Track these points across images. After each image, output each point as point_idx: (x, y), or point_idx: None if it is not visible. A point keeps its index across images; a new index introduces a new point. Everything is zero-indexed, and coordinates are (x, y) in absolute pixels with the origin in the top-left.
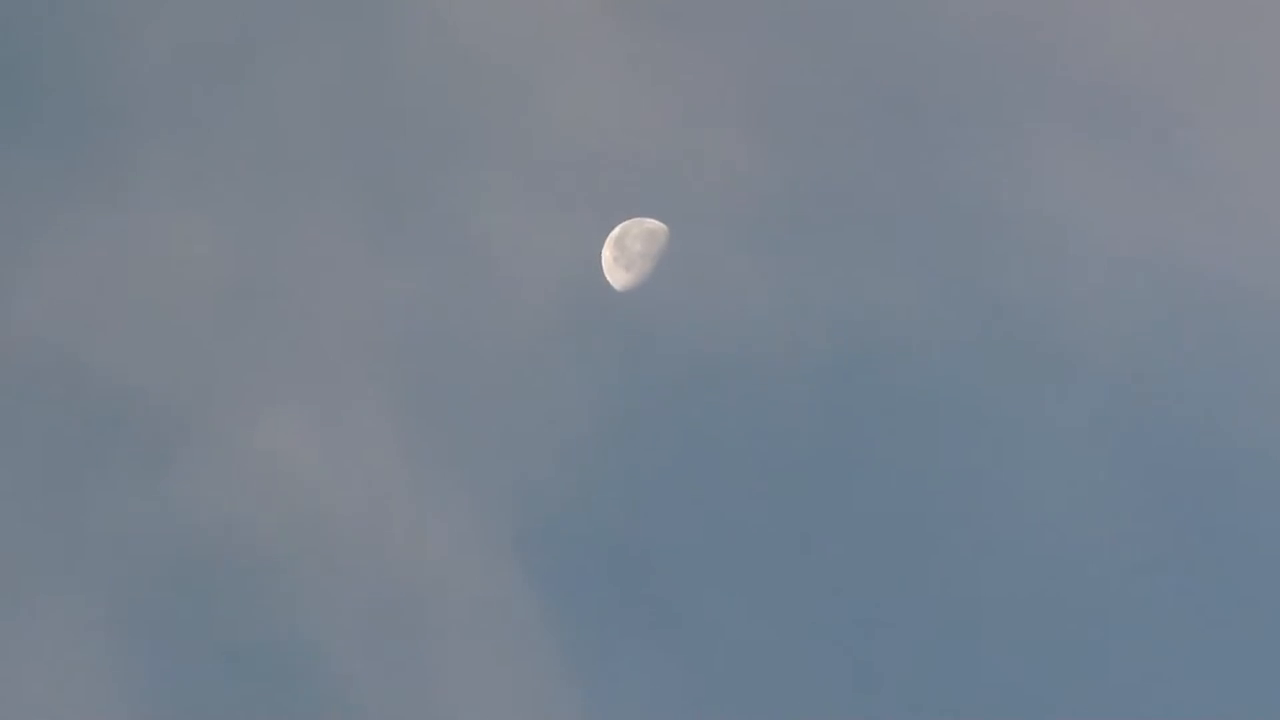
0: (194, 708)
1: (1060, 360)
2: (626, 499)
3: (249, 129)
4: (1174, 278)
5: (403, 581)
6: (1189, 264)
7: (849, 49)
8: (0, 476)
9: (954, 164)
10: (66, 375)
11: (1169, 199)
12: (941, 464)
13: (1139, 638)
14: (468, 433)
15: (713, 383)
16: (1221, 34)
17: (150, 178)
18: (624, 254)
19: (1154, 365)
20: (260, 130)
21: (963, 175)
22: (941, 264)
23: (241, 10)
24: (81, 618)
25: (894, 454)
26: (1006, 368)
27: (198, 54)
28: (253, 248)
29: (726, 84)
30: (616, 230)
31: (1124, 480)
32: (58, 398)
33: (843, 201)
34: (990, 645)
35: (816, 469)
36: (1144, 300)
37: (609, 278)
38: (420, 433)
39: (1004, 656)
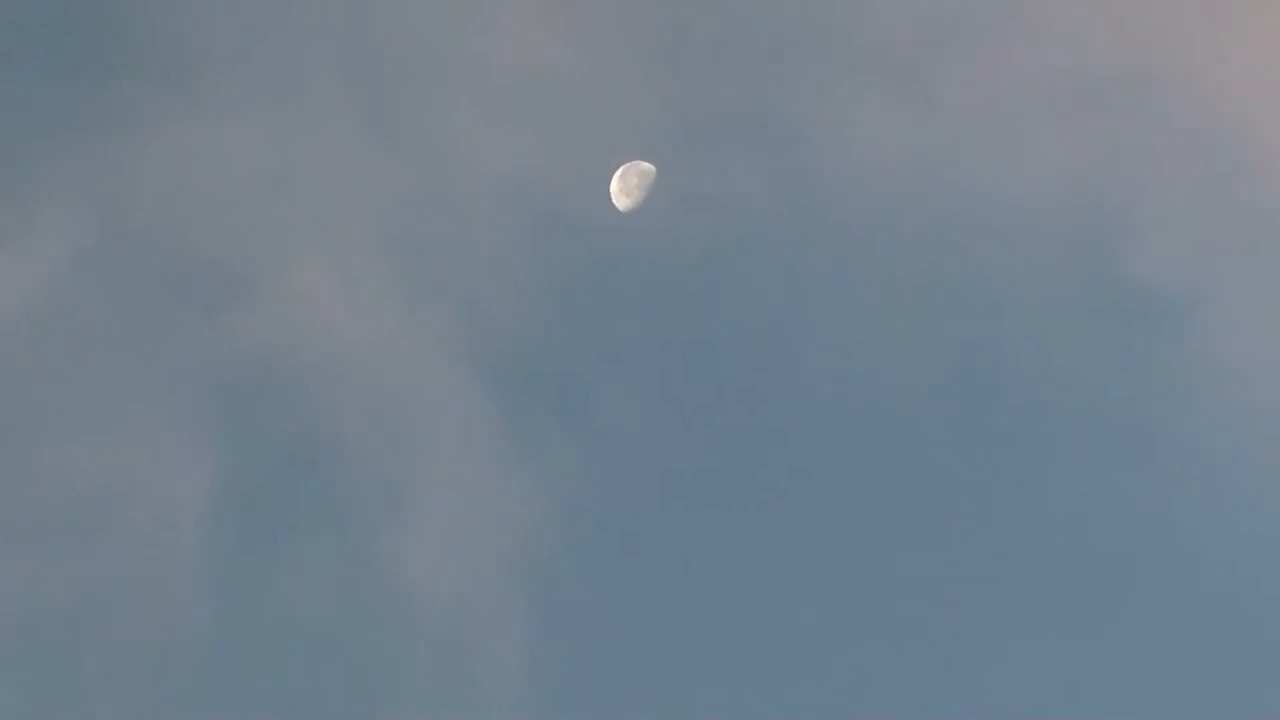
0: (244, 476)
1: (853, 241)
2: (573, 331)
3: (286, 64)
4: (940, 188)
5: (396, 389)
6: (950, 179)
7: (718, 15)
8: (114, 321)
9: (786, 101)
10: (160, 246)
11: (937, 130)
12: (774, 315)
13: (925, 502)
14: (448, 282)
15: (631, 258)
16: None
17: (214, 103)
18: (625, 185)
19: (925, 253)
20: (295, 65)
21: (792, 107)
22: (778, 179)
23: None
24: (171, 415)
25: (741, 306)
26: (817, 248)
27: (250, 12)
28: (289, 150)
29: (630, 34)
30: (620, 169)
31: (904, 346)
32: (156, 261)
33: (710, 130)
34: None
35: (700, 314)
36: (918, 206)
37: (616, 204)
38: (412, 283)
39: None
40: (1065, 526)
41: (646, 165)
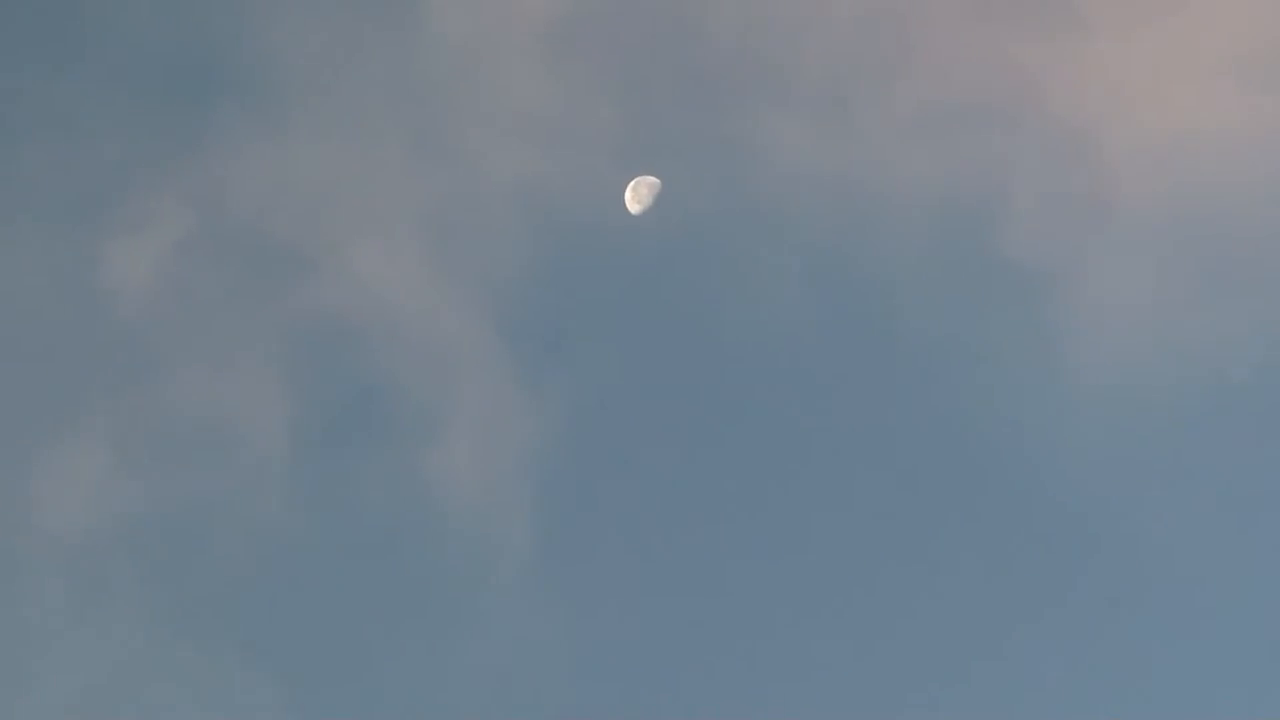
0: (316, 407)
1: (784, 232)
2: (568, 296)
3: (348, 95)
4: (851, 190)
5: (433, 342)
6: (859, 182)
7: (676, 56)
8: (215, 290)
9: (730, 123)
10: (250, 233)
11: (848, 145)
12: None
13: (827, 432)
14: (471, 260)
15: (610, 243)
16: (880, 37)
17: (293, 124)
18: (637, 194)
19: (839, 241)
20: (354, 95)
21: (734, 127)
22: (723, 184)
23: (337, 28)
24: (259, 362)
25: (695, 282)
26: (754, 237)
27: (320, 56)
28: (350, 160)
29: (604, 73)
30: (633, 181)
31: (820, 313)
32: (248, 244)
33: (670, 147)
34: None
35: (664, 286)
36: (834, 204)
37: (630, 208)
38: (444, 262)
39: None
40: (943, 460)
41: (653, 179)
